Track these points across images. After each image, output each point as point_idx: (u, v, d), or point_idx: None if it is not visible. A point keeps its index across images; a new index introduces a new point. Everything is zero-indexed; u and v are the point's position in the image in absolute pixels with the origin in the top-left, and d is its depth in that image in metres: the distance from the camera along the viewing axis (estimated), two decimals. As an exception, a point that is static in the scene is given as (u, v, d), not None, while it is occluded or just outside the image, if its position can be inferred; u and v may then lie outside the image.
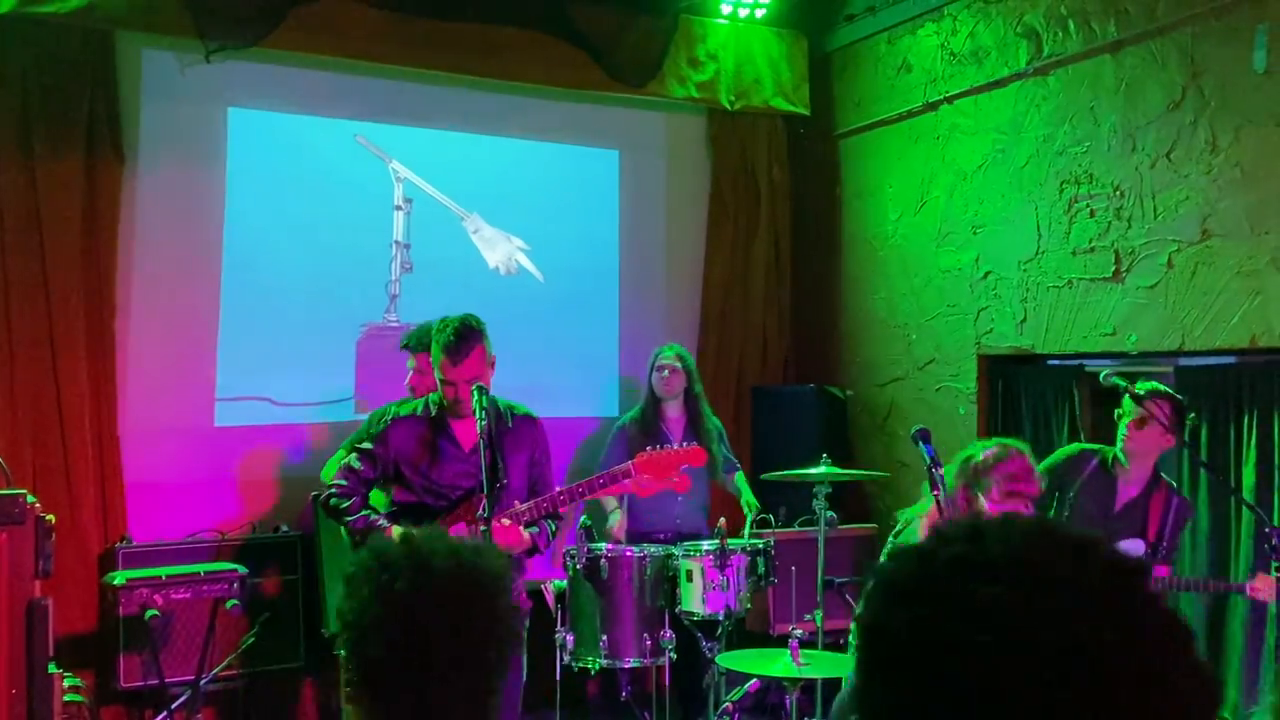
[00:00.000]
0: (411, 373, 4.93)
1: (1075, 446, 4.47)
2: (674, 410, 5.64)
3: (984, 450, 3.47)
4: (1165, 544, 4.21)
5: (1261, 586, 3.96)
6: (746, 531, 5.32)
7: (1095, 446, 4.43)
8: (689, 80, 6.40)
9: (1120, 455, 4.24)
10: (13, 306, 5.08)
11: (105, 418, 5.26)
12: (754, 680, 3.56)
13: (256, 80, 5.69)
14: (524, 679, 3.88)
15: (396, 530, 3.72)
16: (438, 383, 3.76)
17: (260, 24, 5.29)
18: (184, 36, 5.27)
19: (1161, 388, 4.21)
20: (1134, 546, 4.18)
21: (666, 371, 5.59)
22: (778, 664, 3.05)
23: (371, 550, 1.66)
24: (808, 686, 4.13)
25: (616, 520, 5.45)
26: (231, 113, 5.67)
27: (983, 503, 3.38)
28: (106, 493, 5.24)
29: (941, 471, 3.26)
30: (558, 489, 3.84)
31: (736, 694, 4.23)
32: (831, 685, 3.79)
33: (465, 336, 3.67)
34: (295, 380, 5.73)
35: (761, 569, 5.00)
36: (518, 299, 6.25)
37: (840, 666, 3.17)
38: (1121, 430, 4.20)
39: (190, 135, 5.58)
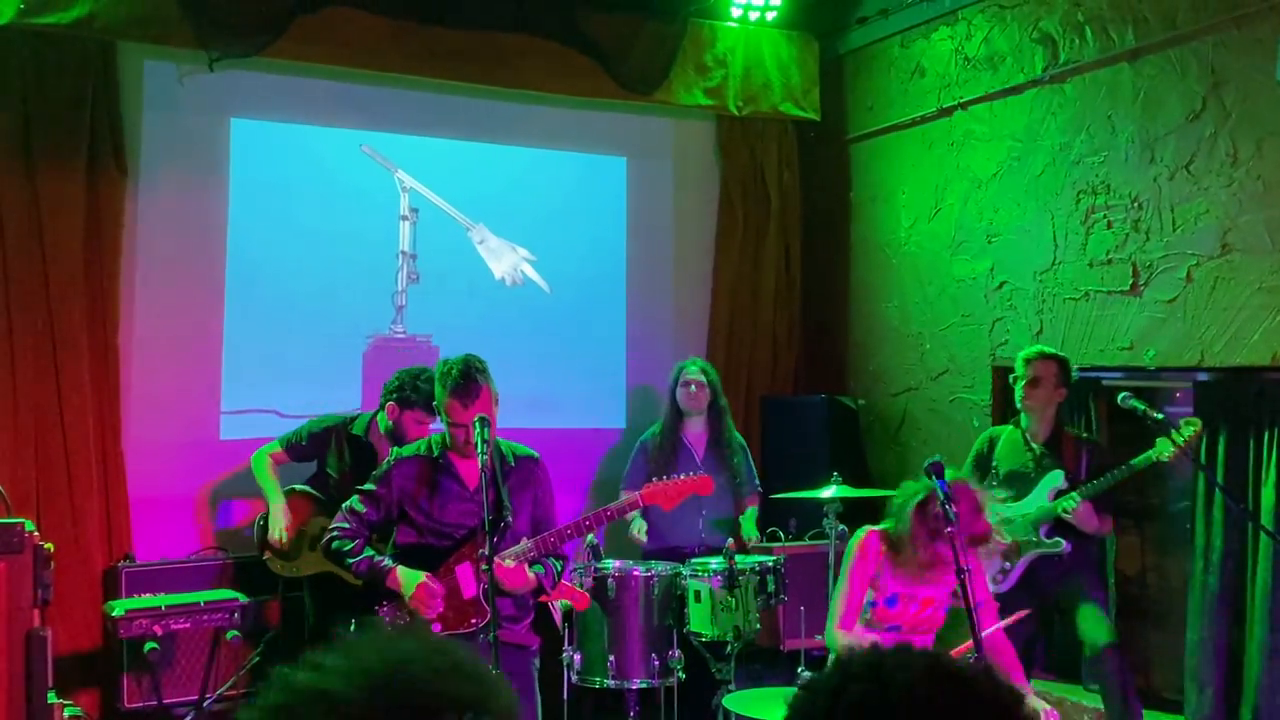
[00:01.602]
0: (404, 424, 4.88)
1: (986, 432, 4.96)
2: (696, 426, 5.57)
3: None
4: (1083, 479, 4.52)
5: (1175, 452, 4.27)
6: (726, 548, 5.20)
7: (995, 428, 4.97)
8: (696, 87, 6.31)
9: (1023, 417, 4.75)
10: (15, 321, 5.04)
11: (109, 433, 5.23)
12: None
13: (259, 90, 5.63)
14: (539, 715, 3.82)
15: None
16: (447, 424, 3.69)
17: (262, 34, 5.22)
18: (185, 47, 5.21)
19: (1046, 350, 4.71)
20: (1056, 478, 4.54)
21: (693, 386, 5.53)
22: (785, 709, 2.98)
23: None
24: None
25: (640, 526, 5.40)
26: (234, 123, 5.62)
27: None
28: (111, 509, 5.21)
29: (955, 508, 3.18)
30: (563, 524, 3.77)
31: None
32: None
33: (472, 379, 3.61)
34: (301, 392, 5.67)
35: (771, 587, 4.93)
36: (524, 310, 6.20)
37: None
38: (1019, 391, 4.68)
39: (193, 146, 5.53)
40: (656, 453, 5.49)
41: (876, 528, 3.68)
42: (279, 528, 4.88)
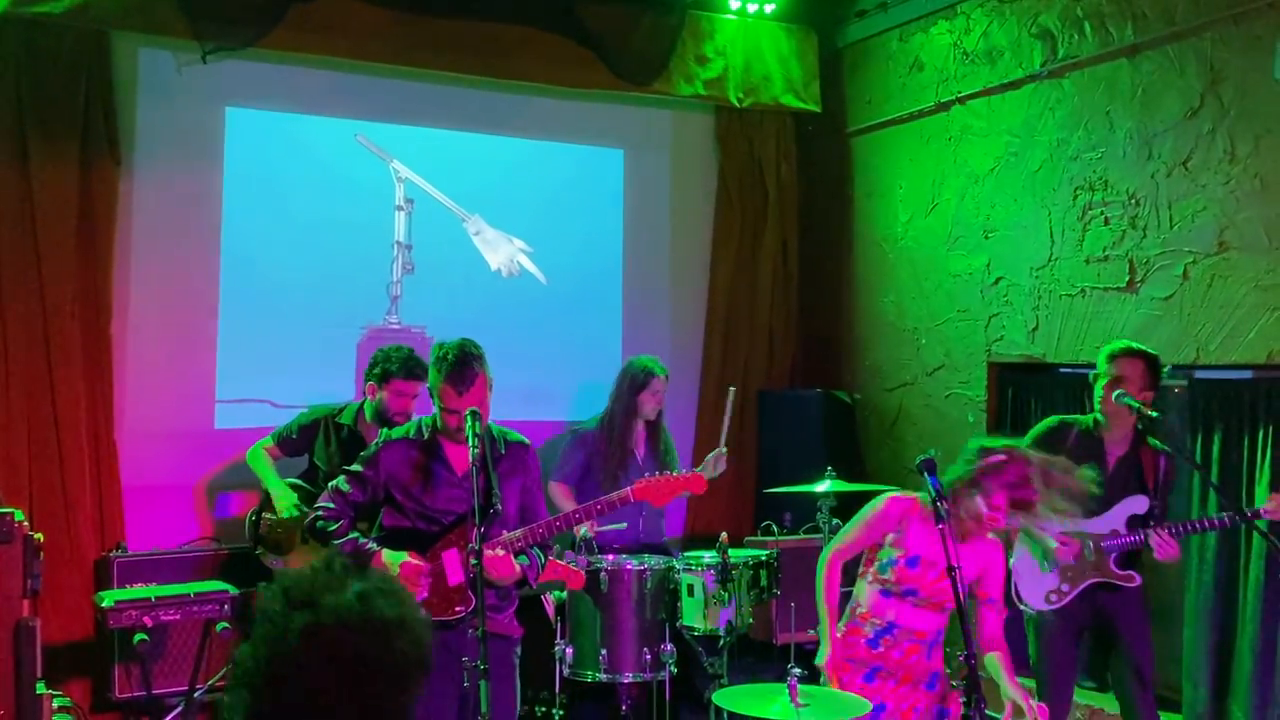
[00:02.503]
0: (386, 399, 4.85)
1: (1054, 419, 4.37)
2: (639, 423, 5.49)
3: (990, 454, 3.37)
4: (1158, 501, 4.15)
5: (1275, 506, 3.91)
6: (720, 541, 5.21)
7: (1074, 417, 4.36)
8: (696, 78, 6.28)
9: (1100, 418, 4.19)
10: (6, 309, 5.02)
11: (102, 422, 5.21)
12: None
13: (255, 79, 5.60)
14: (517, 705, 3.80)
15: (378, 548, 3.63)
16: (439, 409, 3.65)
17: (257, 24, 5.18)
18: (179, 37, 5.18)
19: (1134, 345, 4.18)
20: (1138, 504, 4.13)
21: (660, 397, 5.37)
22: (775, 704, 2.97)
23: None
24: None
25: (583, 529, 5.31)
26: (229, 112, 5.59)
27: (979, 504, 3.32)
28: (104, 498, 5.20)
29: (948, 505, 3.16)
30: (552, 517, 3.74)
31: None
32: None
33: (468, 364, 3.55)
34: (296, 382, 5.66)
35: (764, 581, 4.92)
36: (519, 301, 6.18)
37: (840, 706, 3.07)
38: (1098, 392, 4.15)
39: (187, 135, 5.50)
40: (603, 448, 5.32)
41: (908, 495, 3.56)
42: (289, 504, 4.83)
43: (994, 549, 3.51)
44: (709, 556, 4.75)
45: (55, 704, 3.83)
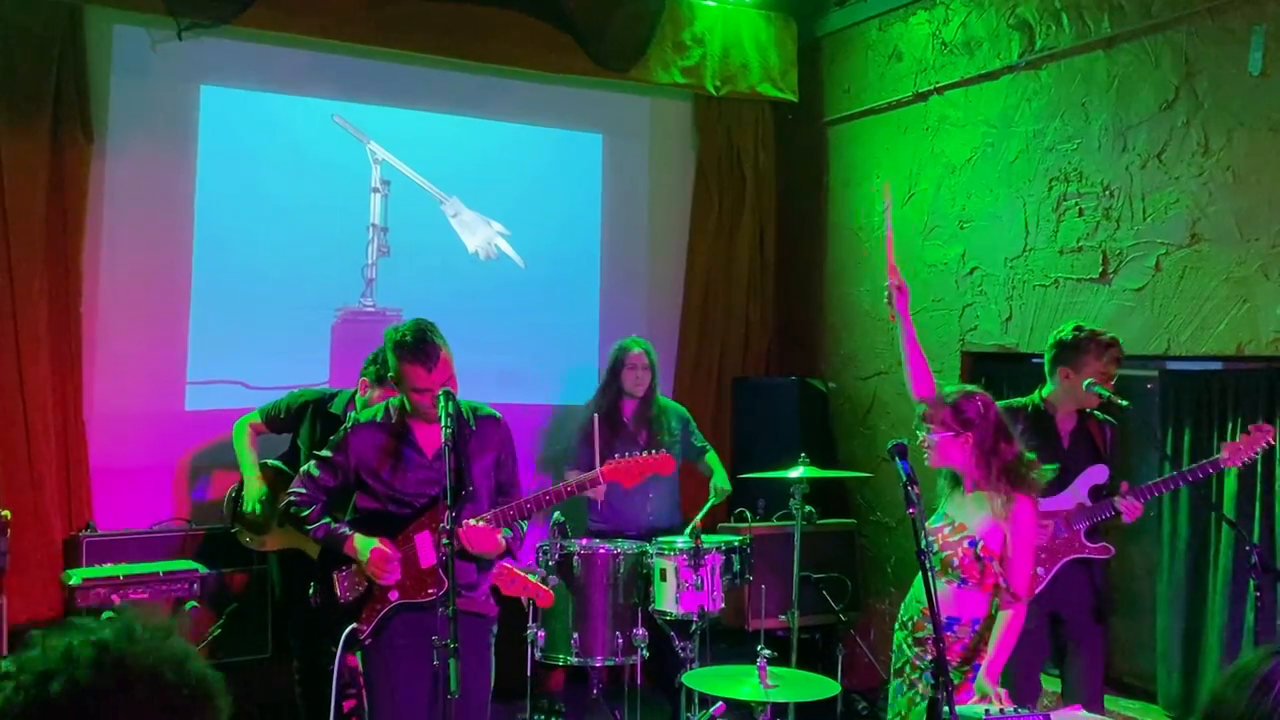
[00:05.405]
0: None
1: (1002, 403, 4.27)
2: (631, 404, 5.51)
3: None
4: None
5: (1230, 454, 4.01)
6: (702, 512, 5.26)
7: (1020, 400, 4.39)
8: (674, 65, 6.27)
9: (1039, 396, 4.32)
10: (-27, 287, 4.96)
11: (71, 402, 5.16)
12: (720, 704, 3.47)
13: (230, 57, 5.55)
14: (492, 684, 3.80)
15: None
16: (409, 392, 3.63)
17: (233, 2, 5.13)
18: (154, 13, 5.13)
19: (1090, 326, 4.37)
20: (1098, 473, 4.20)
21: (640, 371, 5.43)
22: (745, 686, 2.97)
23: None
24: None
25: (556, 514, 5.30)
26: (204, 90, 5.54)
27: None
28: (71, 478, 5.14)
29: (918, 490, 3.17)
30: (524, 498, 3.74)
31: (702, 716, 4.17)
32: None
33: (429, 341, 3.53)
34: (268, 364, 5.63)
35: (737, 566, 4.94)
36: (497, 284, 6.16)
37: (809, 687, 3.09)
38: (1093, 378, 4.18)
39: (161, 113, 5.44)
40: (602, 430, 5.37)
41: None
42: (253, 500, 4.83)
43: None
44: (681, 541, 4.76)
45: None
